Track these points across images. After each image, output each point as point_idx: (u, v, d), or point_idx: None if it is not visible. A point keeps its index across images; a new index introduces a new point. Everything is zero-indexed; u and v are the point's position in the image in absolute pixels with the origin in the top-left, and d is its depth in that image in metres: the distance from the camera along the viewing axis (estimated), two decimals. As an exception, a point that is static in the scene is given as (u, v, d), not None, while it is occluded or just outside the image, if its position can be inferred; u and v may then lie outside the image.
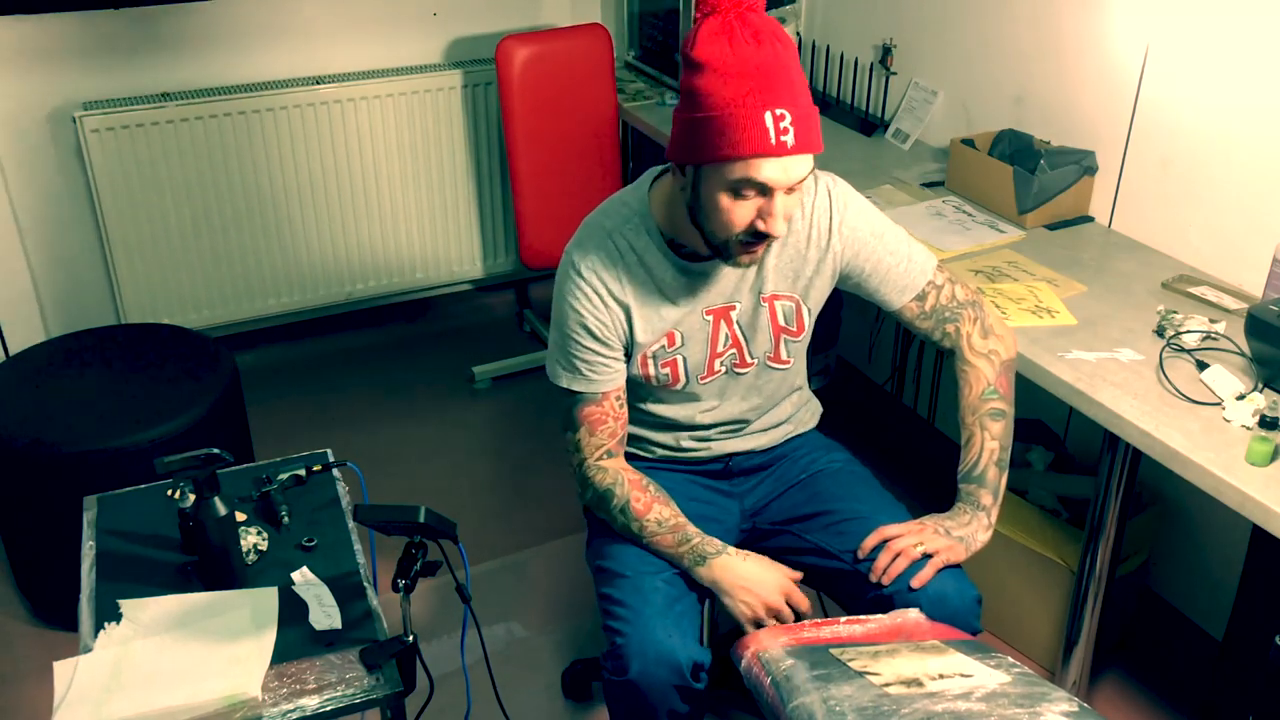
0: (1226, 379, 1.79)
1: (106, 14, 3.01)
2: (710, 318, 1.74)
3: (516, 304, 3.84)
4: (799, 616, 1.75)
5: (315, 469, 1.88)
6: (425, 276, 3.59)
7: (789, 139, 1.47)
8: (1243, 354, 1.86)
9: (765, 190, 1.51)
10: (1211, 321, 1.94)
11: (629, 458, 1.88)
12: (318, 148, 3.28)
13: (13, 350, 3.11)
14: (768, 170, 1.49)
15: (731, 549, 1.74)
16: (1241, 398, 1.73)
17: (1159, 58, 2.21)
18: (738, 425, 1.88)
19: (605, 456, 1.77)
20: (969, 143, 2.53)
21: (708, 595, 1.77)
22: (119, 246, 3.13)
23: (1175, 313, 1.97)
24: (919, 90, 2.85)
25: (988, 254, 2.25)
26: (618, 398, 1.76)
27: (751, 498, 1.92)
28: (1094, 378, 1.82)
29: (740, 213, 1.54)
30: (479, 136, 3.48)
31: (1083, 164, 2.36)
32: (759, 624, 1.71)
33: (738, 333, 1.76)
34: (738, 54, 1.47)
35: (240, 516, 1.74)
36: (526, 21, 3.55)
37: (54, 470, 2.25)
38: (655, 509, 1.74)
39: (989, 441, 1.78)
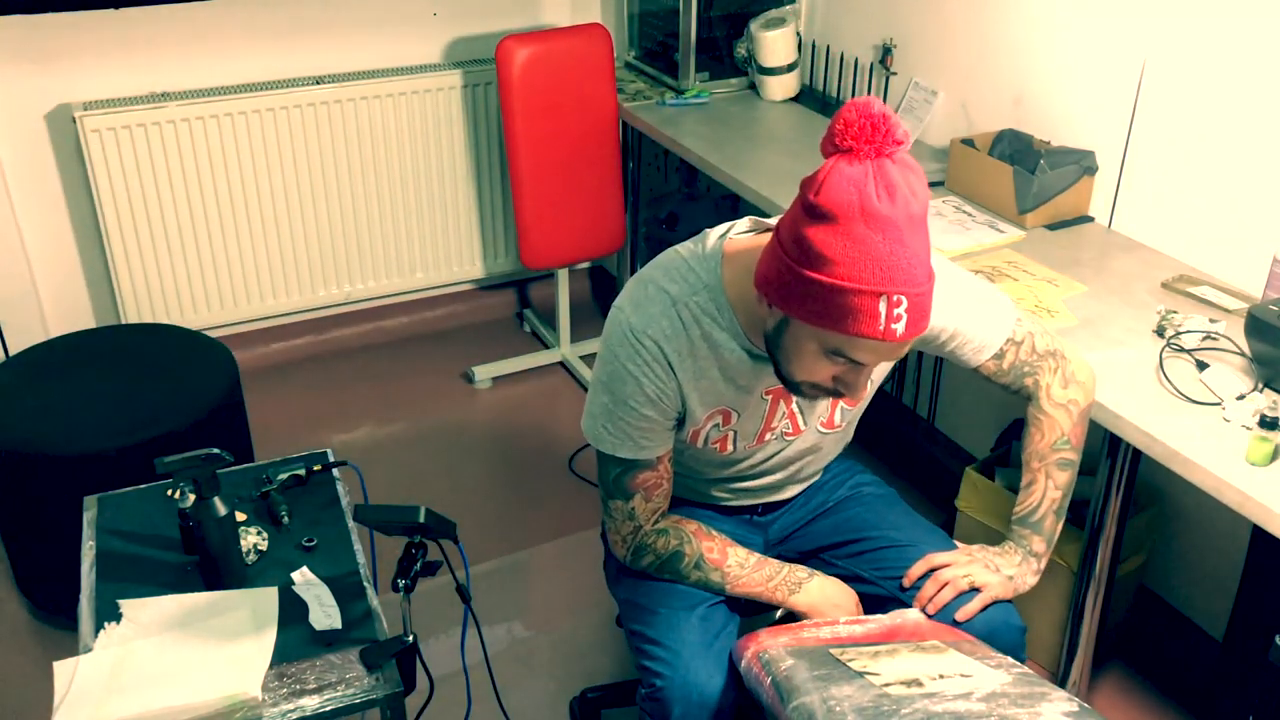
0: (1226, 379, 1.78)
1: (106, 14, 3.01)
2: (769, 397, 1.64)
3: (516, 304, 3.84)
4: None
5: (315, 469, 1.88)
6: (425, 276, 3.59)
7: (899, 327, 1.33)
8: (1243, 354, 1.86)
9: (856, 362, 1.41)
10: (1211, 321, 1.94)
11: None
12: (318, 148, 3.28)
13: (13, 350, 3.11)
14: (867, 351, 1.37)
15: (818, 573, 1.71)
16: (1241, 398, 1.73)
17: (1159, 58, 2.21)
18: (778, 485, 1.83)
19: (660, 519, 1.70)
20: (969, 143, 2.53)
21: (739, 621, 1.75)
22: (119, 246, 3.13)
23: (1175, 313, 1.97)
24: (919, 90, 2.84)
25: (988, 254, 2.25)
26: (668, 463, 1.67)
27: (776, 526, 1.88)
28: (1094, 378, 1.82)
29: (823, 371, 1.43)
30: (479, 136, 3.48)
31: (1083, 164, 2.36)
32: None
33: (795, 410, 1.68)
34: (868, 220, 1.30)
35: (240, 516, 1.74)
36: (526, 21, 3.55)
37: (54, 470, 2.25)
38: (730, 554, 1.68)
39: (1052, 490, 1.71)
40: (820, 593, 1.68)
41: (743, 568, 1.68)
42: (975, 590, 1.67)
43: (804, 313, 1.37)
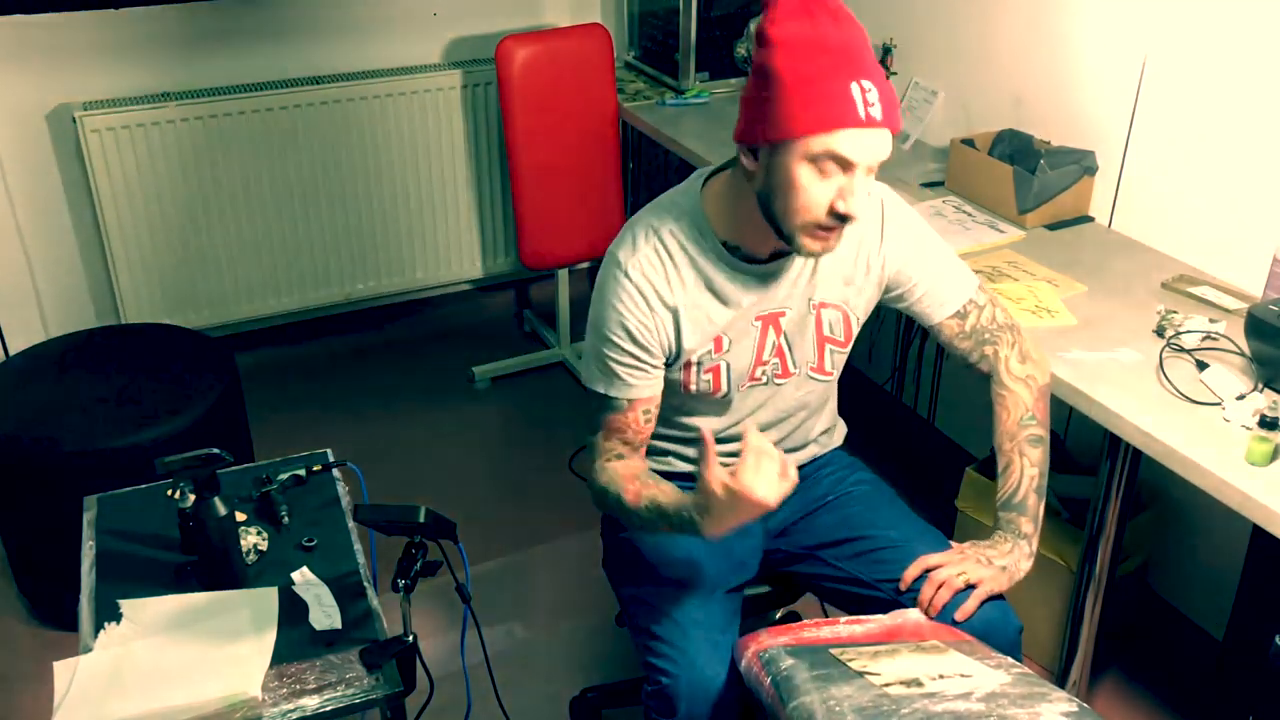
0: (1226, 379, 1.78)
1: (107, 14, 3.01)
2: (759, 323, 1.67)
3: (516, 304, 3.84)
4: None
5: (315, 469, 1.88)
6: (425, 276, 3.59)
7: (876, 112, 1.42)
8: (1243, 354, 1.86)
9: (847, 166, 1.45)
10: (1211, 321, 1.94)
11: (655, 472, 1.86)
12: (318, 147, 3.28)
13: (13, 350, 3.11)
14: (853, 143, 1.43)
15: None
16: (1241, 398, 1.73)
17: (1159, 58, 2.21)
18: (772, 439, 1.80)
19: (614, 459, 1.71)
20: (969, 143, 2.53)
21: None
22: (119, 246, 3.13)
23: (1175, 313, 1.97)
24: (919, 90, 2.84)
25: (988, 254, 2.25)
26: (645, 411, 1.68)
27: (775, 518, 1.87)
28: (1094, 378, 1.82)
29: (820, 191, 1.47)
30: (479, 136, 3.48)
31: (1083, 164, 2.36)
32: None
33: (783, 342, 1.70)
34: (819, 30, 1.43)
35: (240, 516, 1.74)
36: (526, 21, 3.55)
37: (54, 470, 2.25)
38: (644, 496, 1.62)
39: (1029, 468, 1.73)
40: (721, 509, 1.47)
41: (650, 510, 1.59)
42: (972, 587, 1.66)
43: (785, 128, 1.44)
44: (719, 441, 1.77)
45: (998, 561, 1.69)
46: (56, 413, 2.34)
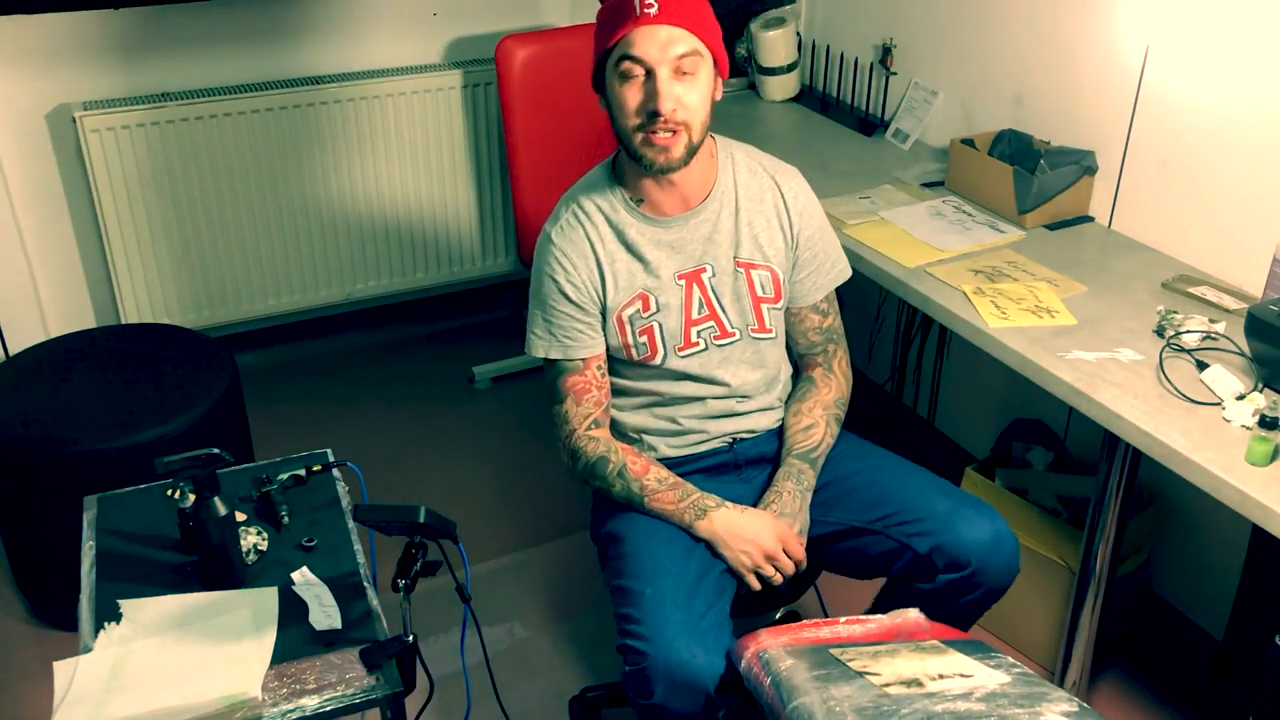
0: (1226, 379, 1.79)
1: (107, 14, 3.01)
2: (683, 282, 1.80)
3: (516, 304, 3.84)
4: (796, 573, 1.80)
5: (315, 469, 1.88)
6: (425, 276, 3.59)
7: (652, 10, 1.63)
8: (1243, 354, 1.86)
9: (647, 68, 1.65)
10: (1211, 321, 1.94)
11: None
12: (318, 147, 3.28)
13: (13, 350, 3.11)
14: (636, 40, 1.64)
15: (729, 503, 1.78)
16: (1241, 398, 1.73)
17: (1159, 57, 2.21)
18: (738, 398, 1.89)
19: (594, 426, 1.82)
20: (969, 143, 2.53)
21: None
22: (119, 246, 3.13)
23: (1175, 313, 1.97)
24: (919, 90, 2.85)
25: (988, 254, 2.25)
26: (599, 366, 1.83)
27: (764, 489, 1.91)
28: (1094, 378, 1.82)
29: (631, 96, 1.67)
30: (479, 136, 3.48)
31: (1083, 164, 2.36)
32: (761, 577, 1.77)
33: (712, 299, 1.81)
34: None
35: (240, 516, 1.74)
36: (526, 21, 3.55)
37: (54, 470, 2.25)
38: (652, 469, 1.80)
39: (829, 439, 1.89)
40: (726, 522, 1.76)
41: (660, 483, 1.79)
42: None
43: (596, 54, 1.71)
44: (684, 401, 1.88)
45: (784, 516, 1.79)
46: (56, 413, 2.34)
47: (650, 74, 1.66)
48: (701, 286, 1.81)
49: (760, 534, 1.76)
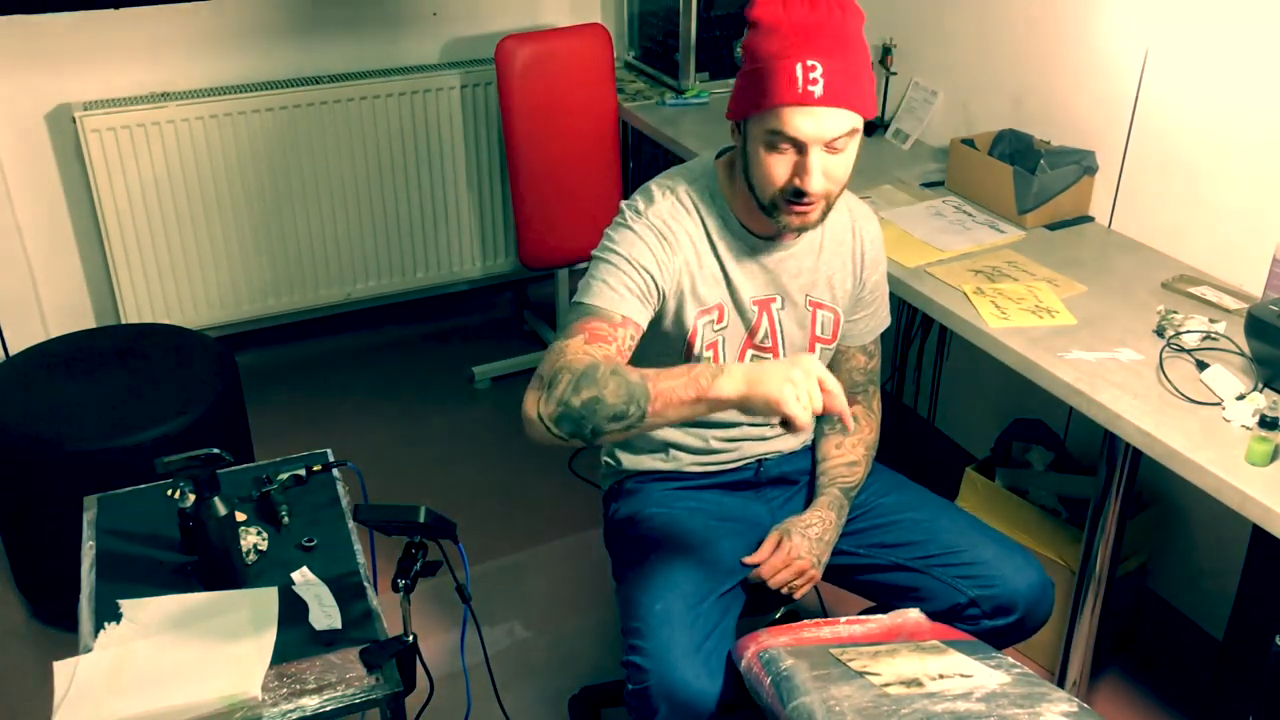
0: (1226, 379, 1.78)
1: (106, 14, 3.01)
2: (756, 308, 1.74)
3: (516, 304, 3.84)
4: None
5: (315, 469, 1.88)
6: (425, 276, 3.59)
7: (817, 90, 1.47)
8: (1243, 354, 1.86)
9: (799, 145, 1.52)
10: (1211, 321, 1.94)
11: (655, 474, 1.88)
12: (318, 147, 3.28)
13: (13, 350, 3.11)
14: (796, 121, 1.49)
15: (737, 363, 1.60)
16: (1241, 398, 1.73)
17: (1159, 58, 2.21)
18: (770, 424, 1.85)
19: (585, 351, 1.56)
20: (969, 143, 2.53)
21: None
22: (119, 246, 3.13)
23: (1175, 313, 1.97)
24: (919, 90, 2.85)
25: (988, 254, 2.25)
26: (632, 336, 1.58)
27: (782, 512, 1.89)
28: (1094, 378, 1.82)
29: (778, 168, 1.54)
30: (479, 136, 3.48)
31: (1083, 164, 2.36)
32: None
33: (778, 330, 1.76)
34: (788, 12, 1.50)
35: (240, 516, 1.74)
36: (526, 21, 3.55)
37: (54, 470, 2.25)
38: (641, 369, 1.47)
39: (864, 477, 1.90)
40: (750, 370, 1.41)
41: (660, 372, 1.45)
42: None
43: (744, 106, 1.55)
44: (716, 426, 1.85)
45: (821, 542, 1.79)
46: (56, 413, 2.34)
47: (801, 148, 1.52)
48: (770, 316, 1.75)
49: (795, 361, 1.41)
